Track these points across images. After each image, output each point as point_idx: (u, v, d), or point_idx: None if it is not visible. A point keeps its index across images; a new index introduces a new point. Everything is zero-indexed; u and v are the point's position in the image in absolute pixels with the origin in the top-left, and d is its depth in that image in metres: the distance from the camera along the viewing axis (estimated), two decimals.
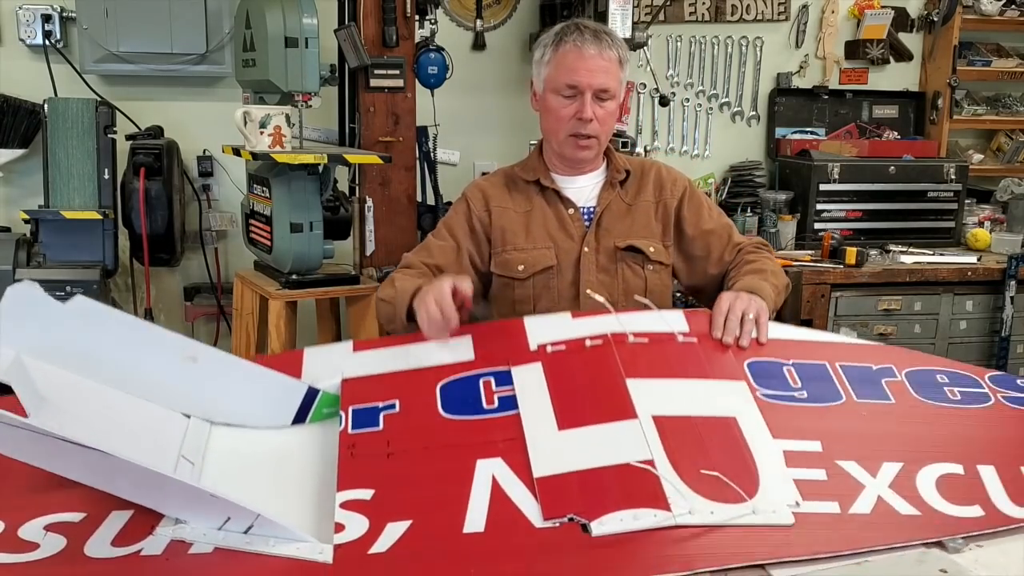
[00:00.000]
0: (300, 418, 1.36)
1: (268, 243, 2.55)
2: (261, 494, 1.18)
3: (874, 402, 1.41)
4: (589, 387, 1.37)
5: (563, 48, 1.78)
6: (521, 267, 1.84)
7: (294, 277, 2.54)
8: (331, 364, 1.43)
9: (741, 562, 1.10)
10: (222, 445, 1.30)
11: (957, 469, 1.29)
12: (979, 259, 3.30)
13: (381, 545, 1.10)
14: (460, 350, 1.47)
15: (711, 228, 1.87)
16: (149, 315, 3.00)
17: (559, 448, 1.25)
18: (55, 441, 1.00)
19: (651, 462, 1.21)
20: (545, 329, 1.50)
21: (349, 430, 1.30)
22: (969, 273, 3.21)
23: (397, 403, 1.35)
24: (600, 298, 1.55)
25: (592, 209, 1.87)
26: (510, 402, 1.35)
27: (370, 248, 2.83)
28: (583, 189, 1.88)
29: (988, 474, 1.29)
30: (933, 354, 3.16)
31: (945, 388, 1.46)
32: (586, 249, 1.84)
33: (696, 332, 1.50)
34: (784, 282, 1.77)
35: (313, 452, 1.31)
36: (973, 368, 1.54)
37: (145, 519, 1.12)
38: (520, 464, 1.23)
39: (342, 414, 1.33)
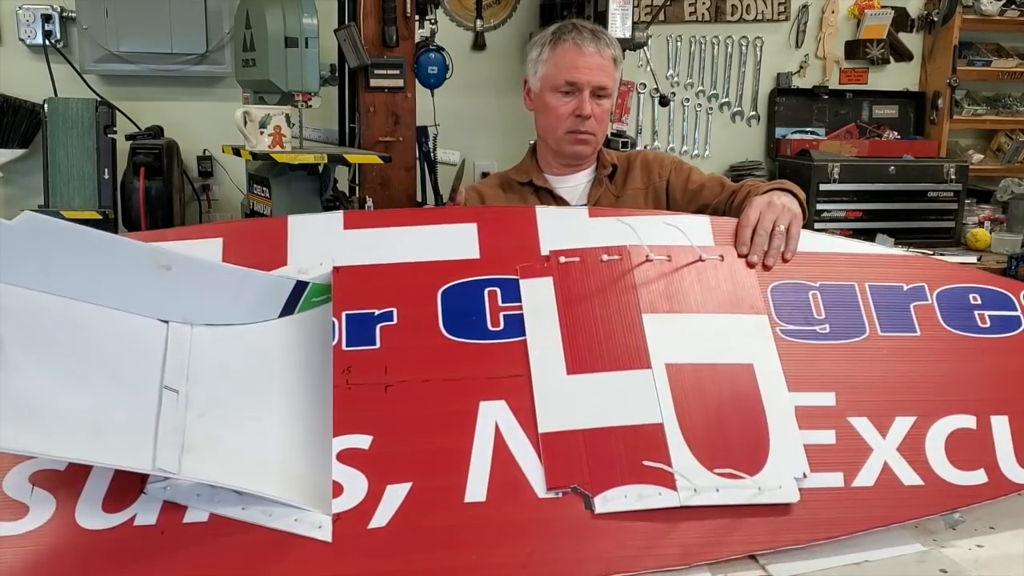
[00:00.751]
0: (288, 311, 1.27)
1: None
2: (256, 409, 1.15)
3: (898, 335, 1.36)
4: (603, 321, 1.28)
5: (562, 46, 1.79)
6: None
7: None
8: (319, 242, 1.30)
9: (740, 552, 1.11)
10: (206, 353, 1.21)
11: (969, 423, 1.28)
12: (979, 259, 3.30)
13: (380, 518, 1.08)
14: (464, 241, 1.32)
15: (701, 183, 1.84)
16: None
17: (567, 397, 1.19)
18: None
19: (660, 426, 1.18)
20: (559, 226, 1.36)
21: (344, 346, 1.20)
22: None
23: (395, 312, 1.24)
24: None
25: (583, 206, 1.86)
26: (517, 325, 1.24)
27: None
28: (575, 188, 1.89)
29: (1000, 427, 1.29)
30: None
31: (976, 312, 1.41)
32: None
33: (721, 245, 1.40)
34: (802, 196, 1.58)
35: (304, 344, 1.23)
36: (1009, 283, 1.47)
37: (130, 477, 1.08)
38: (525, 410, 1.17)
39: (335, 321, 1.22)
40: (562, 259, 1.32)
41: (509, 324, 1.25)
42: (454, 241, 1.32)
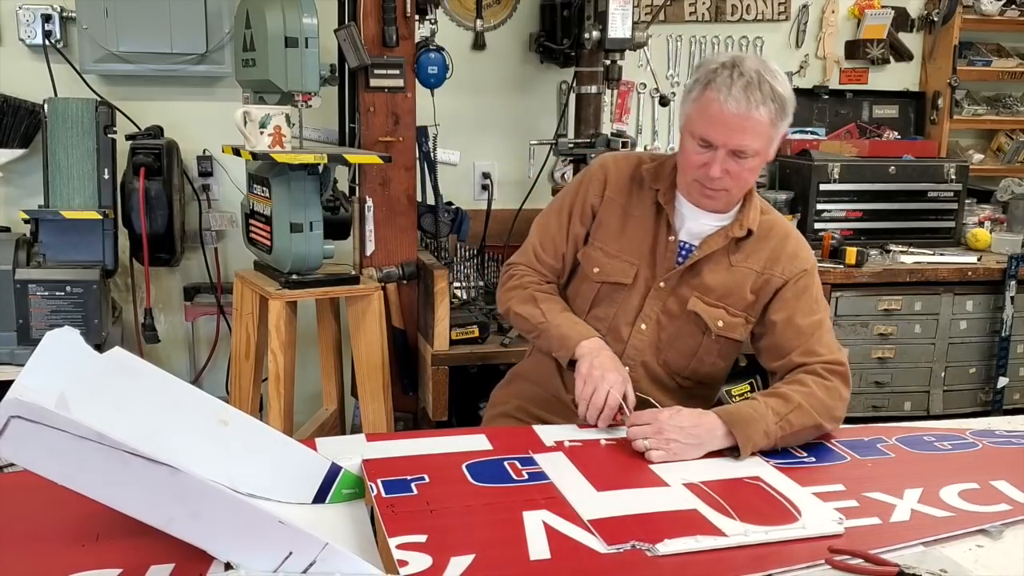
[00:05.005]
0: (320, 498, 1.31)
1: (268, 243, 2.55)
2: None
3: (876, 458, 1.54)
4: (616, 467, 1.47)
5: (709, 94, 1.57)
6: (596, 270, 1.76)
7: (294, 277, 2.54)
8: (346, 450, 1.40)
9: (806, 560, 1.16)
10: None
11: (974, 485, 1.41)
12: (979, 259, 3.30)
13: None
14: (477, 443, 1.52)
15: (800, 325, 1.67)
16: (149, 315, 3.00)
17: (603, 501, 1.30)
18: (112, 460, 0.97)
19: (696, 510, 1.27)
20: (557, 432, 1.59)
21: (383, 495, 1.28)
22: (969, 273, 3.21)
23: (426, 476, 1.36)
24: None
25: (691, 248, 1.72)
26: (540, 475, 1.39)
27: (370, 248, 2.83)
28: (695, 225, 1.72)
29: (1003, 485, 1.42)
30: (933, 354, 3.23)
31: (935, 443, 1.62)
32: (662, 285, 1.73)
33: None
34: (811, 424, 1.55)
35: (340, 530, 1.23)
36: (955, 430, 1.70)
37: (187, 571, 1.06)
38: (568, 514, 1.25)
39: (372, 484, 1.30)
40: (567, 443, 1.53)
41: (533, 475, 1.39)
42: (467, 442, 1.52)
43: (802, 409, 1.54)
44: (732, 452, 1.51)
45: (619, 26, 2.83)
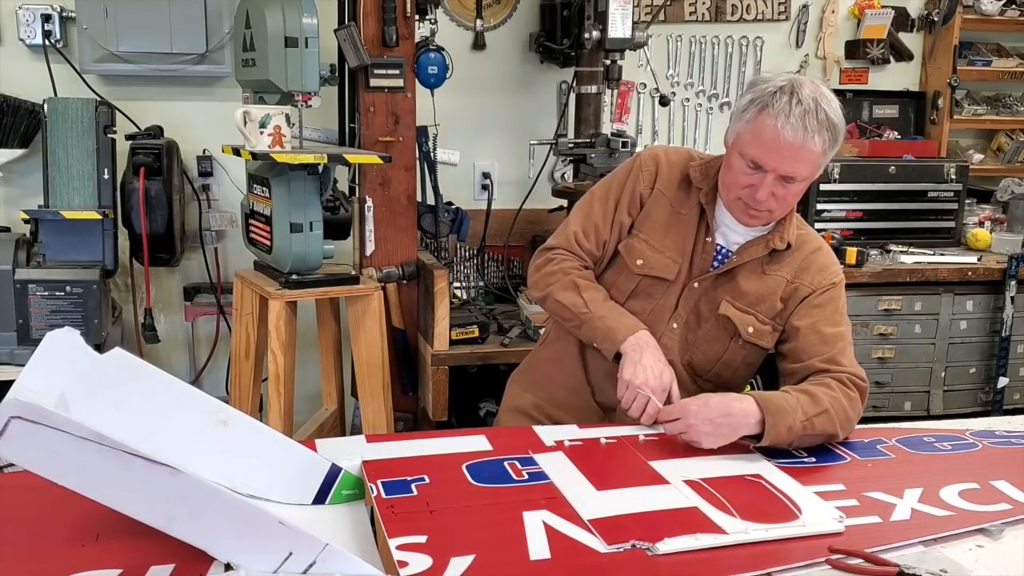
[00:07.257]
0: (320, 498, 1.30)
1: (268, 243, 2.55)
2: None
3: (876, 458, 1.55)
4: (616, 466, 1.48)
5: (765, 118, 1.55)
6: (640, 262, 1.75)
7: (294, 277, 2.54)
8: (346, 451, 1.40)
9: (806, 559, 1.17)
10: None
11: (974, 485, 1.42)
12: (979, 259, 3.30)
13: None
14: (476, 443, 1.52)
15: (824, 333, 1.68)
16: (149, 315, 3.00)
17: (604, 501, 1.30)
18: (112, 460, 0.97)
19: (696, 508, 1.28)
20: (557, 432, 1.60)
21: (383, 496, 1.28)
22: (969, 273, 3.22)
23: (426, 477, 1.36)
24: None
25: (728, 254, 1.74)
26: (540, 475, 1.39)
27: (370, 248, 2.83)
28: (734, 232, 1.74)
29: (1003, 485, 1.42)
30: (933, 354, 3.23)
31: (935, 444, 1.63)
32: (695, 285, 1.73)
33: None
34: (829, 431, 1.55)
35: (340, 531, 1.23)
36: (955, 430, 1.71)
37: (187, 572, 1.06)
38: (568, 514, 1.25)
39: (372, 485, 1.30)
40: (567, 443, 1.53)
41: (533, 475, 1.40)
42: (467, 443, 1.52)
43: (828, 415, 1.55)
44: (733, 447, 1.51)
45: (619, 26, 2.83)
